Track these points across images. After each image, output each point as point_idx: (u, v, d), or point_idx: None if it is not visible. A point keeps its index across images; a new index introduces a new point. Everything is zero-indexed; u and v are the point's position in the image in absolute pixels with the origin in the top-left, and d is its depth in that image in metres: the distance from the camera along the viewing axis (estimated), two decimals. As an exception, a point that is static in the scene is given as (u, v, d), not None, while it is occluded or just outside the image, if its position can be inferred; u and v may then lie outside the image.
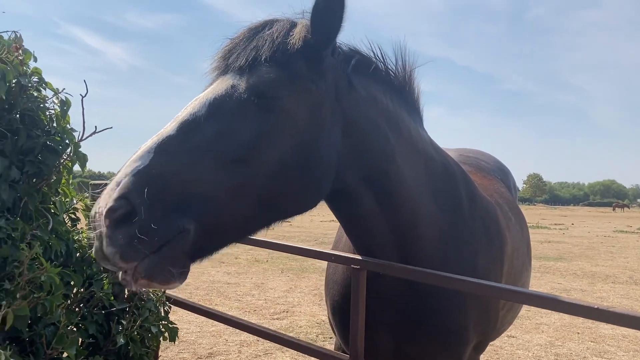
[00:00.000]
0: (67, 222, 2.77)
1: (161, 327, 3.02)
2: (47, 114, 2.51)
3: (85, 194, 2.91)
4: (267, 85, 1.57)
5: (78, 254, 2.70)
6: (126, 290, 2.91)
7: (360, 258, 2.11)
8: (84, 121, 2.52)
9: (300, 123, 1.62)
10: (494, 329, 2.40)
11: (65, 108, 2.52)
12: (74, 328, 2.53)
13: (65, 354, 2.35)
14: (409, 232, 2.01)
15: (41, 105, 2.47)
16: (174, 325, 3.10)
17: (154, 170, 1.40)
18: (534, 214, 47.88)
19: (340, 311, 2.34)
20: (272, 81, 1.58)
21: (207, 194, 1.45)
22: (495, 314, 2.32)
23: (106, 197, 1.36)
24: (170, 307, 3.20)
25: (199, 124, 1.51)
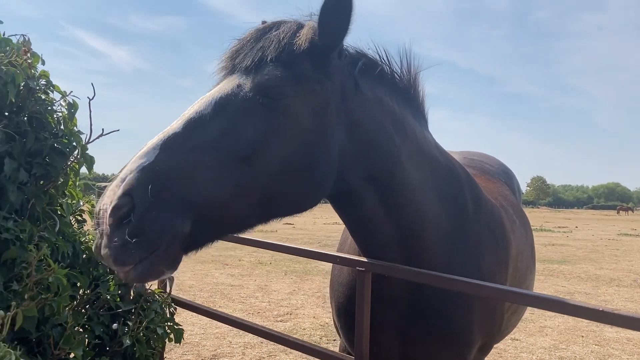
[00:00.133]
0: (73, 224, 2.79)
1: (167, 328, 3.04)
2: (55, 116, 2.53)
3: (92, 195, 2.93)
4: (272, 85, 1.59)
5: (84, 256, 2.72)
6: (132, 292, 2.93)
7: (366, 260, 2.12)
8: (91, 124, 2.54)
9: (304, 123, 1.63)
10: (499, 332, 2.40)
11: (72, 111, 2.54)
12: (80, 329, 2.55)
13: (72, 355, 2.37)
14: (413, 234, 2.01)
15: (49, 108, 2.50)
16: (180, 327, 3.11)
17: (158, 167, 1.41)
18: (538, 217, 47.74)
19: (345, 313, 2.34)
20: (278, 81, 1.59)
21: (209, 192, 1.47)
22: (500, 316, 2.32)
23: (111, 194, 1.38)
24: (175, 309, 3.21)
25: (204, 122, 1.53)
